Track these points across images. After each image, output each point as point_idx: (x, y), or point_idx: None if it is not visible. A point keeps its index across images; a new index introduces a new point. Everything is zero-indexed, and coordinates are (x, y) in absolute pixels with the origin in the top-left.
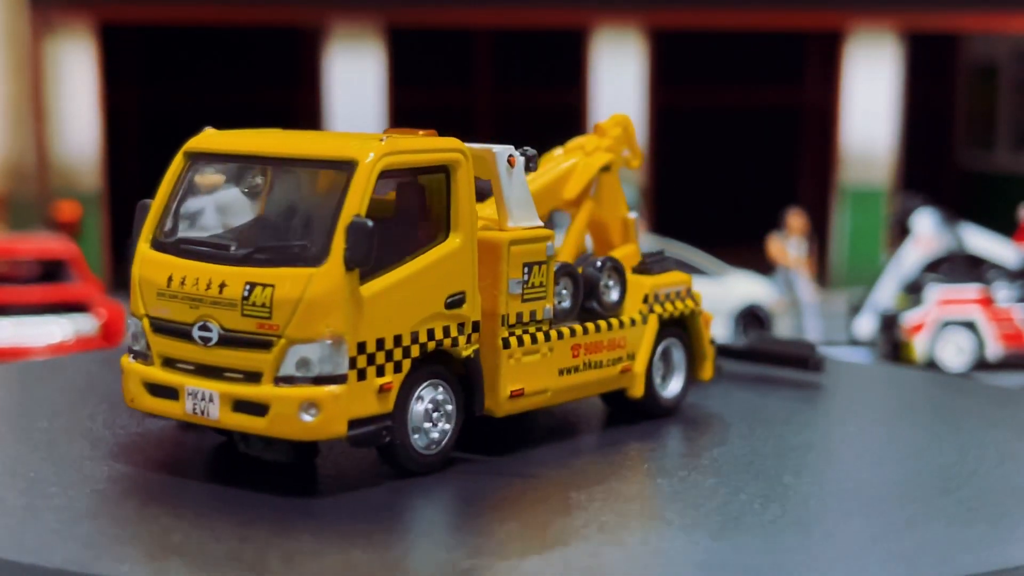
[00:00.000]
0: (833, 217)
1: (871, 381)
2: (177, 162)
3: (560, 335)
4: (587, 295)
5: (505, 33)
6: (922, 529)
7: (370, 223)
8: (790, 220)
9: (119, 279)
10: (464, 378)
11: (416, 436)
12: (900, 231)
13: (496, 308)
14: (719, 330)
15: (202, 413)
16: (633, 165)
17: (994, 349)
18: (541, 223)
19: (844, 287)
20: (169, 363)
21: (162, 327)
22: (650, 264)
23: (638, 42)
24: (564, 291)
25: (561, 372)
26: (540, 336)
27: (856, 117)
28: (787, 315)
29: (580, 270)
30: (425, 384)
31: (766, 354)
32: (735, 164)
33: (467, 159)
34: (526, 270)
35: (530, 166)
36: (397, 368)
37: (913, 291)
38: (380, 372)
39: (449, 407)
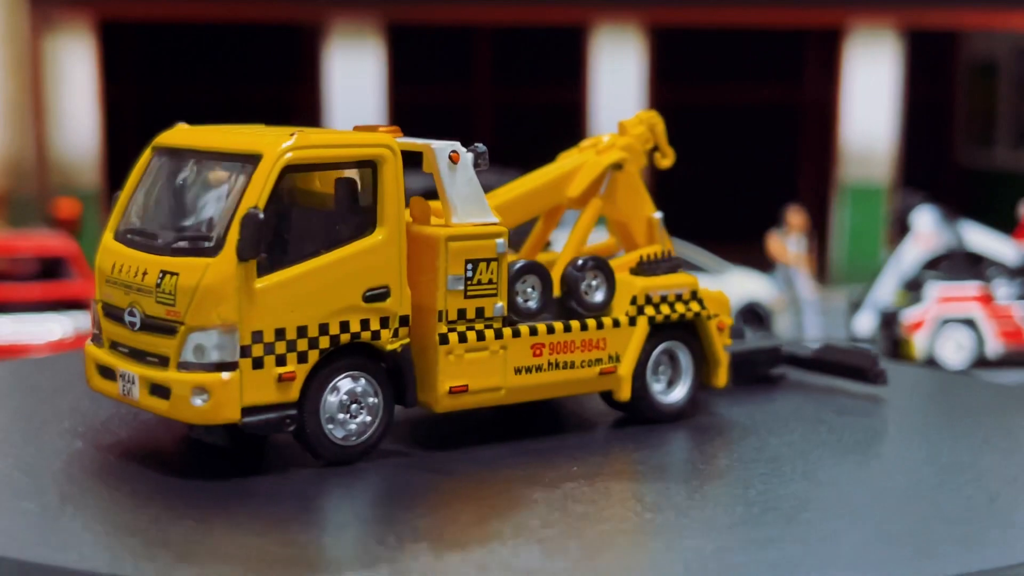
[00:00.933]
0: (833, 214)
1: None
2: (145, 155)
3: (516, 333)
4: (567, 295)
5: (505, 30)
6: (927, 527)
7: (260, 215)
8: (790, 217)
9: None
10: (393, 372)
11: (331, 427)
12: (900, 228)
13: (434, 304)
14: None
15: (128, 394)
16: (662, 164)
17: (994, 346)
18: (495, 220)
19: (844, 284)
20: (113, 346)
21: (108, 312)
22: (649, 265)
23: (638, 39)
24: (531, 289)
25: (519, 371)
26: (489, 333)
27: (856, 114)
28: (787, 312)
29: (569, 268)
30: (343, 376)
31: (829, 364)
32: (735, 161)
33: (395, 155)
34: (469, 267)
35: (478, 163)
36: (302, 358)
37: (913, 288)
38: (281, 361)
39: (371, 399)
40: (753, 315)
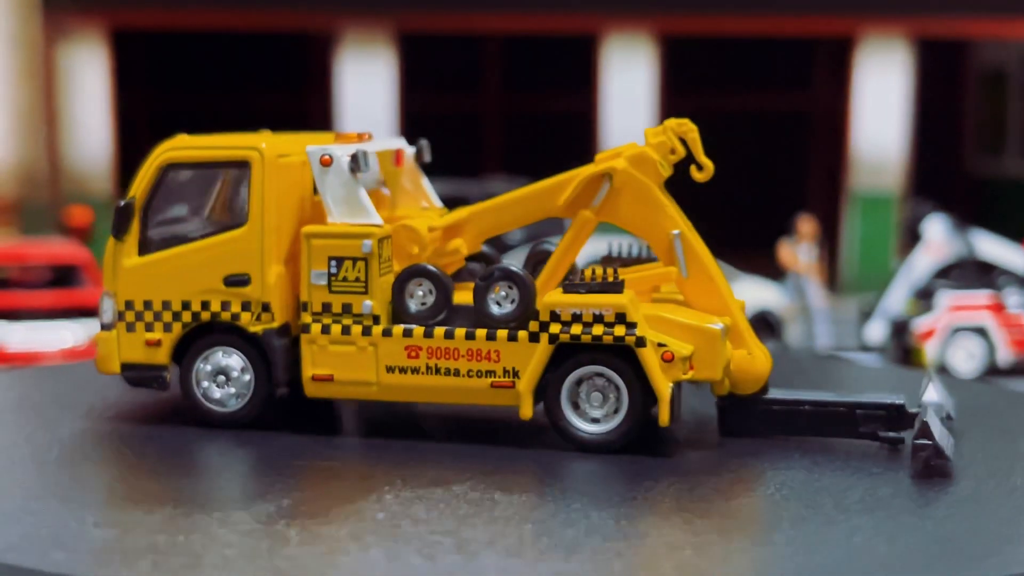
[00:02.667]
0: (843, 223)
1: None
2: None
3: (387, 332)
4: (475, 303)
5: (516, 39)
6: (934, 533)
7: (122, 203)
8: (800, 226)
9: None
10: (263, 353)
11: (202, 392)
12: (911, 237)
13: (301, 295)
14: None
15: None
16: (697, 177)
17: (1005, 355)
18: (375, 221)
19: (855, 293)
20: None
21: None
22: (575, 284)
23: (648, 48)
24: (422, 293)
25: (391, 369)
26: (356, 329)
27: (866, 123)
28: (797, 321)
29: (477, 278)
30: (215, 349)
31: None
32: (745, 170)
33: (262, 158)
34: (334, 263)
35: (352, 166)
36: (167, 328)
37: (924, 297)
38: (149, 328)
39: (238, 374)
40: (764, 324)
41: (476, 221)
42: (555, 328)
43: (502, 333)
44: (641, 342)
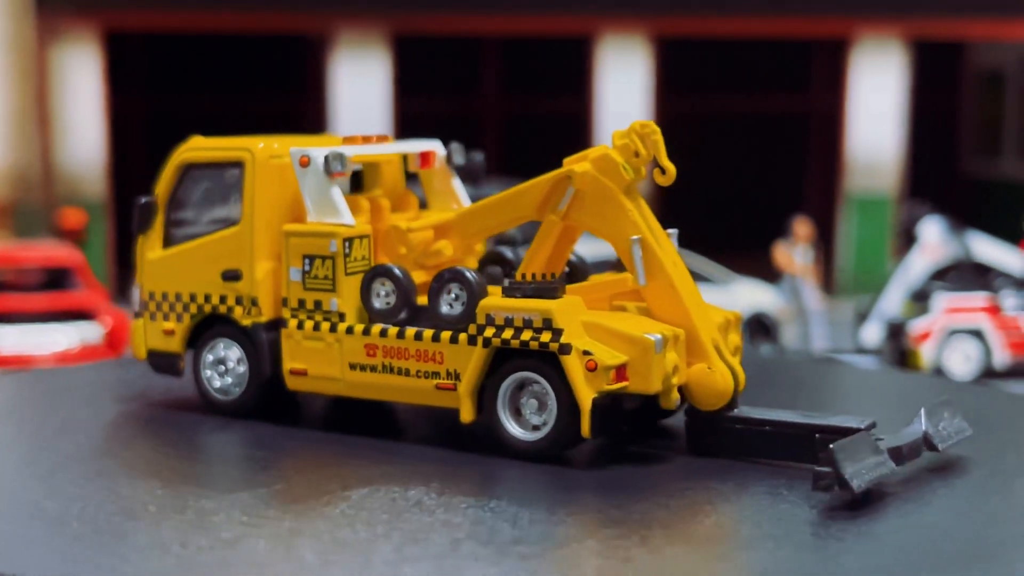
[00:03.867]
0: (839, 225)
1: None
2: None
3: (349, 330)
4: (429, 304)
5: (511, 41)
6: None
7: (143, 201)
8: (796, 228)
9: (124, 287)
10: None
11: (206, 379)
12: (907, 239)
13: (281, 290)
14: None
15: None
16: (659, 181)
17: (1001, 357)
18: (346, 222)
19: (851, 295)
20: None
21: None
22: (515, 286)
23: (644, 49)
24: (384, 292)
25: (353, 367)
26: (325, 325)
27: (862, 124)
28: (793, 323)
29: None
30: (218, 340)
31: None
32: (741, 172)
33: (254, 158)
34: (307, 261)
35: (327, 167)
36: (179, 318)
37: (920, 299)
38: (166, 318)
39: (234, 365)
40: (760, 326)
41: (461, 223)
42: (489, 332)
43: (445, 335)
44: (565, 349)
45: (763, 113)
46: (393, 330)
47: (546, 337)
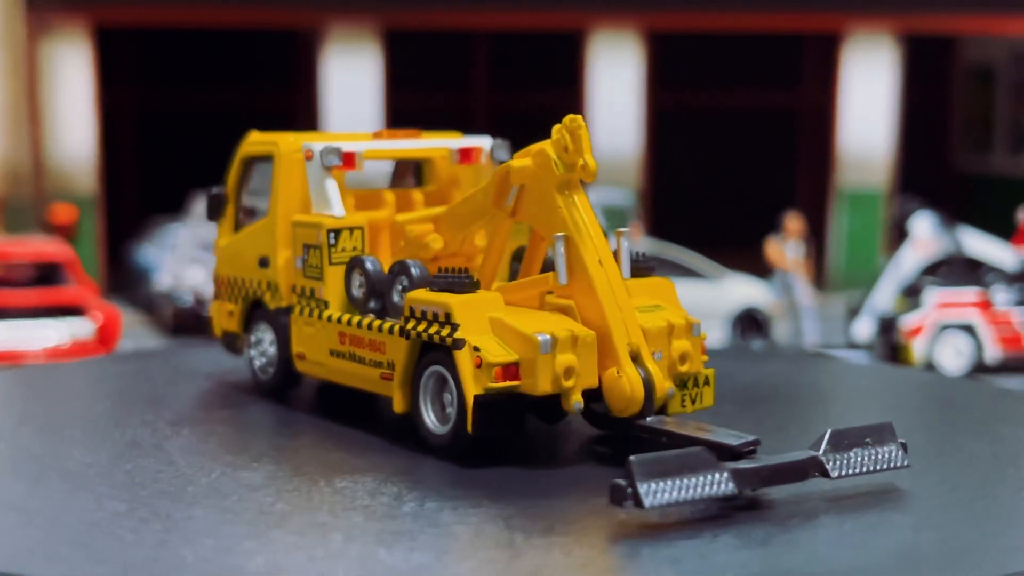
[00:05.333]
0: (831, 220)
1: (872, 381)
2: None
3: (329, 318)
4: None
5: (502, 35)
6: (931, 532)
7: (215, 191)
8: (788, 223)
9: (115, 282)
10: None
11: (249, 359)
12: (898, 234)
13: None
14: (716, 334)
15: None
16: (583, 177)
17: (992, 352)
18: (334, 213)
19: (842, 290)
20: None
21: None
22: (432, 280)
23: (635, 44)
24: (357, 282)
25: (332, 353)
26: (316, 313)
27: (853, 120)
28: (785, 318)
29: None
30: (259, 322)
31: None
32: (732, 167)
33: (280, 151)
34: (305, 250)
35: (324, 161)
36: (236, 301)
37: (911, 294)
38: (229, 300)
39: (267, 347)
40: (751, 321)
41: (445, 218)
42: (410, 324)
43: (386, 325)
44: (457, 344)
45: (754, 108)
46: (355, 319)
47: (445, 331)
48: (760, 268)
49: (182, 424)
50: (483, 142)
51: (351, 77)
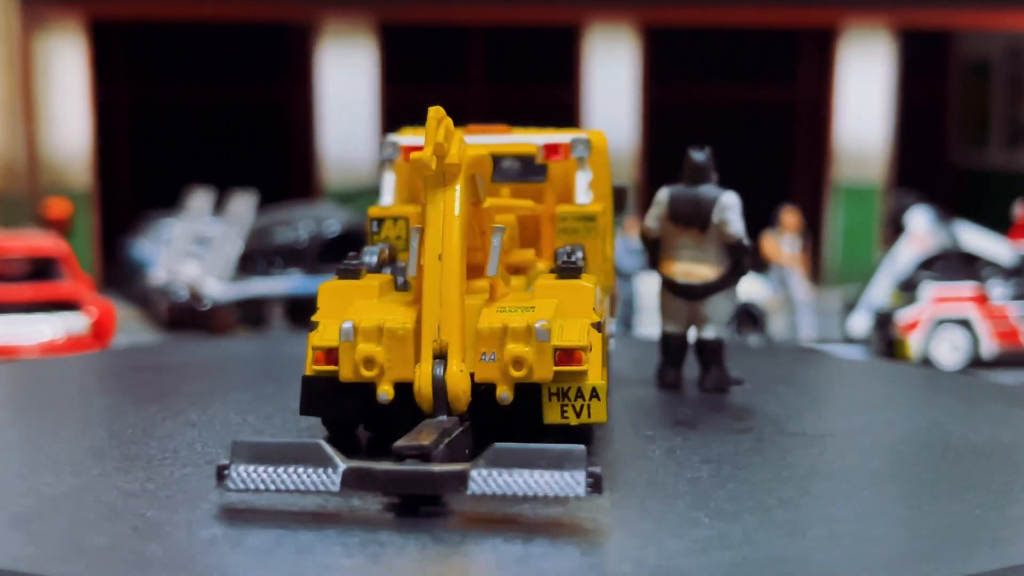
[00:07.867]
0: (827, 214)
1: (868, 376)
2: None
3: None
4: None
5: (498, 29)
6: (923, 526)
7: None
8: (784, 217)
9: (109, 277)
10: None
11: None
12: (894, 228)
13: None
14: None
15: None
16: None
17: (989, 347)
18: (384, 203)
19: (838, 284)
20: None
21: None
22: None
23: (631, 39)
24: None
25: None
26: None
27: (849, 114)
28: (781, 313)
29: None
30: None
31: None
32: (728, 161)
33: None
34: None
35: (382, 153)
36: None
37: (907, 289)
38: None
39: None
40: (748, 316)
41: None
42: None
43: None
44: (310, 326)
45: (750, 103)
46: None
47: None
48: (756, 263)
49: (178, 419)
50: (567, 137)
51: (347, 71)
